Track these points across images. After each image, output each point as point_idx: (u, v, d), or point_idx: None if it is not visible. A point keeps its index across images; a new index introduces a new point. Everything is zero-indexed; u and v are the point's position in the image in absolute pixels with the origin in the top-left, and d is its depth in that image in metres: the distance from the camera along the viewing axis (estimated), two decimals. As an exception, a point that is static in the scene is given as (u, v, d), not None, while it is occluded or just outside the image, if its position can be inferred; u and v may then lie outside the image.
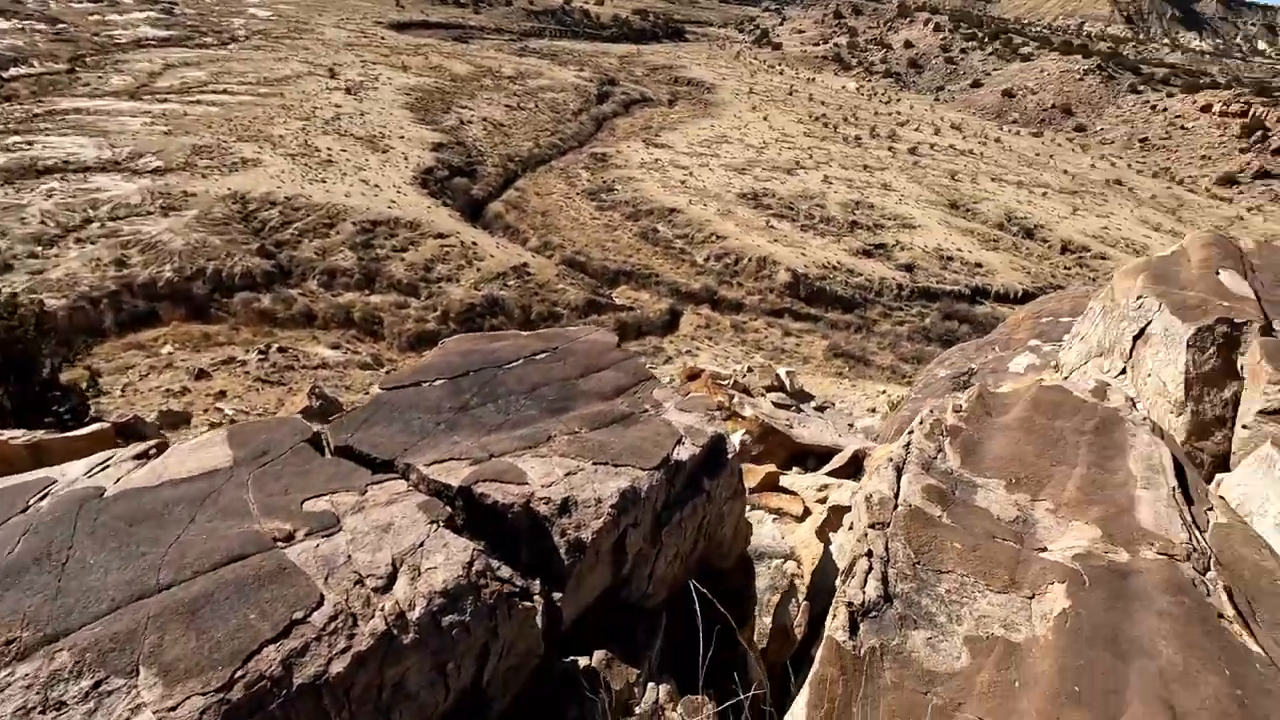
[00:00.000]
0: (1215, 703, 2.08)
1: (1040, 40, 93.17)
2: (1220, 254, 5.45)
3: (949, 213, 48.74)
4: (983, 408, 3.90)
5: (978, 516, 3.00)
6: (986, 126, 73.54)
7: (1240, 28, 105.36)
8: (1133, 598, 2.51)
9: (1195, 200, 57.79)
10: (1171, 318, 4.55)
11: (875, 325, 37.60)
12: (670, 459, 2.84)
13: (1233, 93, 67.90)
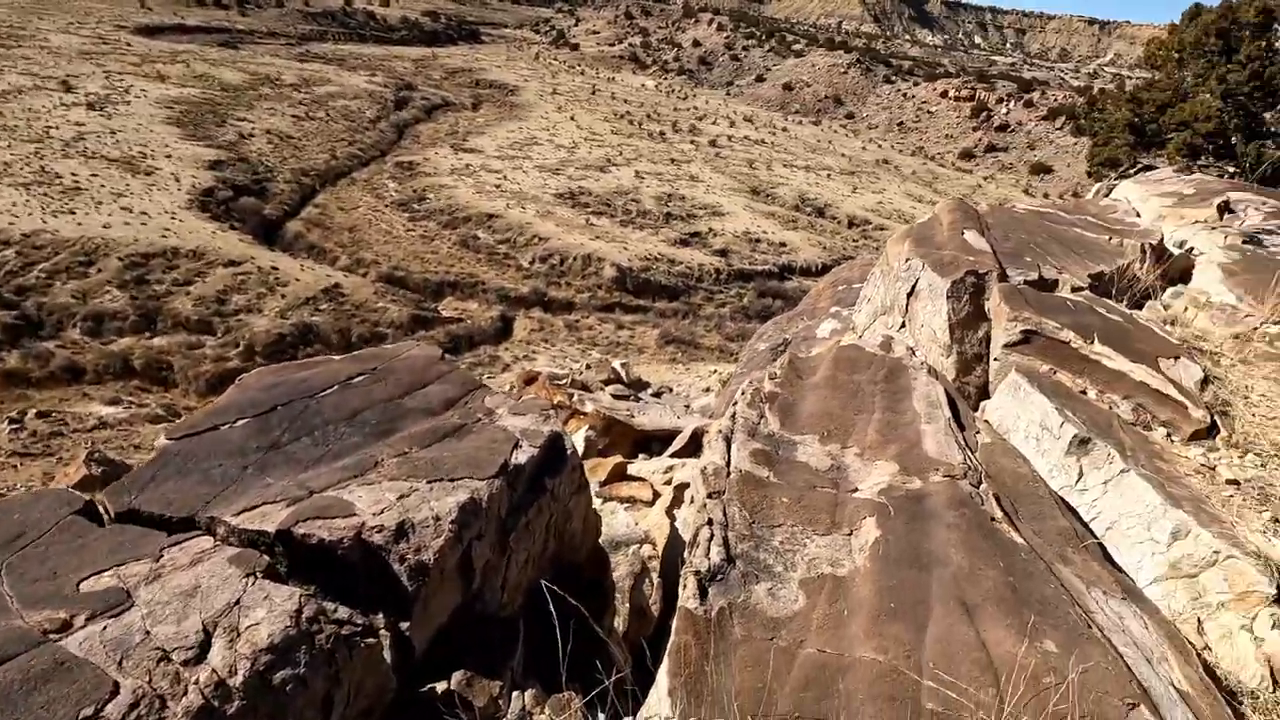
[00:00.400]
0: (994, 590, 2.48)
1: (808, 38, 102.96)
2: (963, 217, 6.42)
3: (752, 199, 52.42)
4: (794, 372, 4.27)
5: (800, 471, 3.29)
6: (774, 117, 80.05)
7: (960, 25, 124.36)
8: (927, 517, 2.90)
9: (945, 173, 67.29)
10: (933, 275, 5.28)
11: (700, 310, 39.60)
12: (509, 465, 2.80)
13: (962, 80, 79.64)
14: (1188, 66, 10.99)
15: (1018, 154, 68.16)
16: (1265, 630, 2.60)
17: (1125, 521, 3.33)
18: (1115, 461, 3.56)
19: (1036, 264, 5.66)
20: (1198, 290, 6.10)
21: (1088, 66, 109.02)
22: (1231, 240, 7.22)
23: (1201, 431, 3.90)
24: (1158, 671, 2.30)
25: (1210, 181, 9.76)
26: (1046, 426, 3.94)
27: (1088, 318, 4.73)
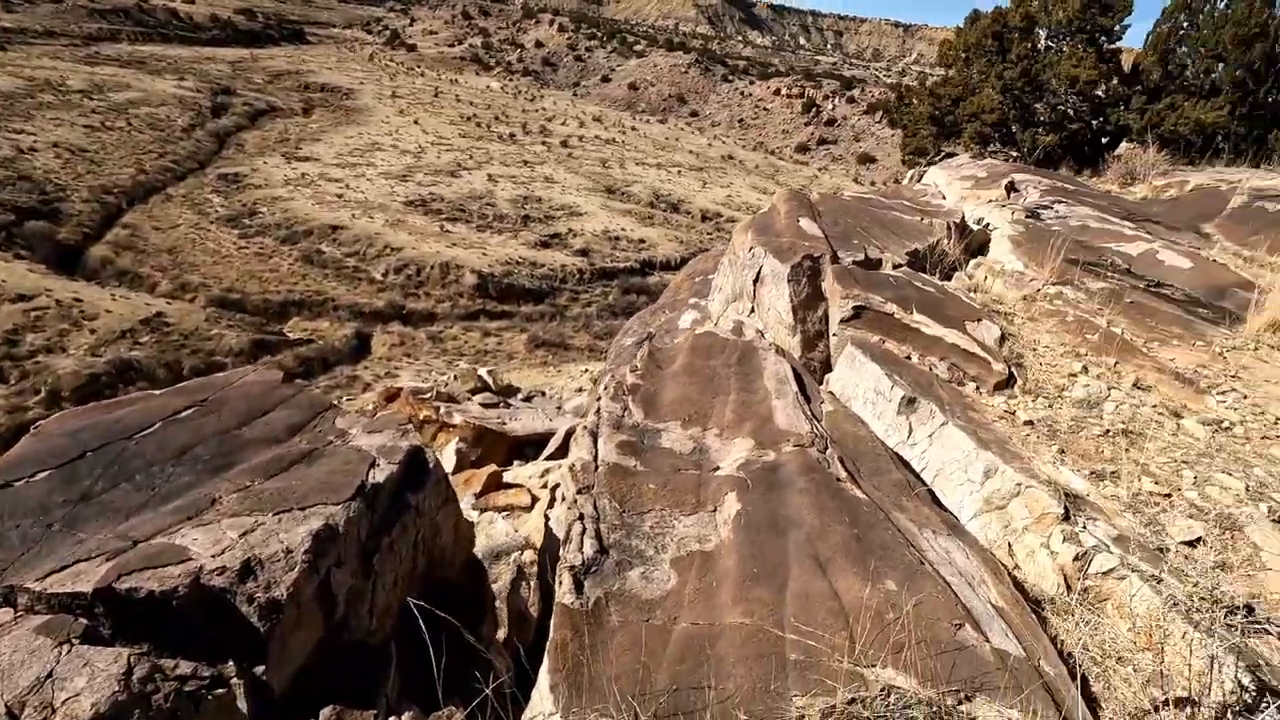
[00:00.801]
0: (842, 543, 2.72)
1: (649, 39, 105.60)
2: (797, 206, 6.91)
3: (608, 197, 53.00)
4: (654, 364, 4.41)
5: (665, 457, 3.41)
6: (622, 117, 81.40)
7: (786, 27, 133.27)
8: (782, 486, 3.12)
9: (785, 166, 71.79)
10: (774, 261, 5.65)
11: (567, 311, 39.54)
12: (366, 485, 2.67)
13: (792, 79, 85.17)
14: (973, 65, 12.52)
15: (845, 146, 74.18)
16: (1058, 545, 3.05)
17: (948, 468, 3.77)
18: (937, 416, 4.01)
19: (863, 245, 6.22)
20: (993, 260, 6.98)
21: (897, 65, 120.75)
22: (1017, 215, 8.32)
23: (1003, 382, 4.49)
24: (978, 593, 2.63)
25: (998, 165, 11.16)
26: (880, 391, 4.36)
27: (907, 291, 5.27)
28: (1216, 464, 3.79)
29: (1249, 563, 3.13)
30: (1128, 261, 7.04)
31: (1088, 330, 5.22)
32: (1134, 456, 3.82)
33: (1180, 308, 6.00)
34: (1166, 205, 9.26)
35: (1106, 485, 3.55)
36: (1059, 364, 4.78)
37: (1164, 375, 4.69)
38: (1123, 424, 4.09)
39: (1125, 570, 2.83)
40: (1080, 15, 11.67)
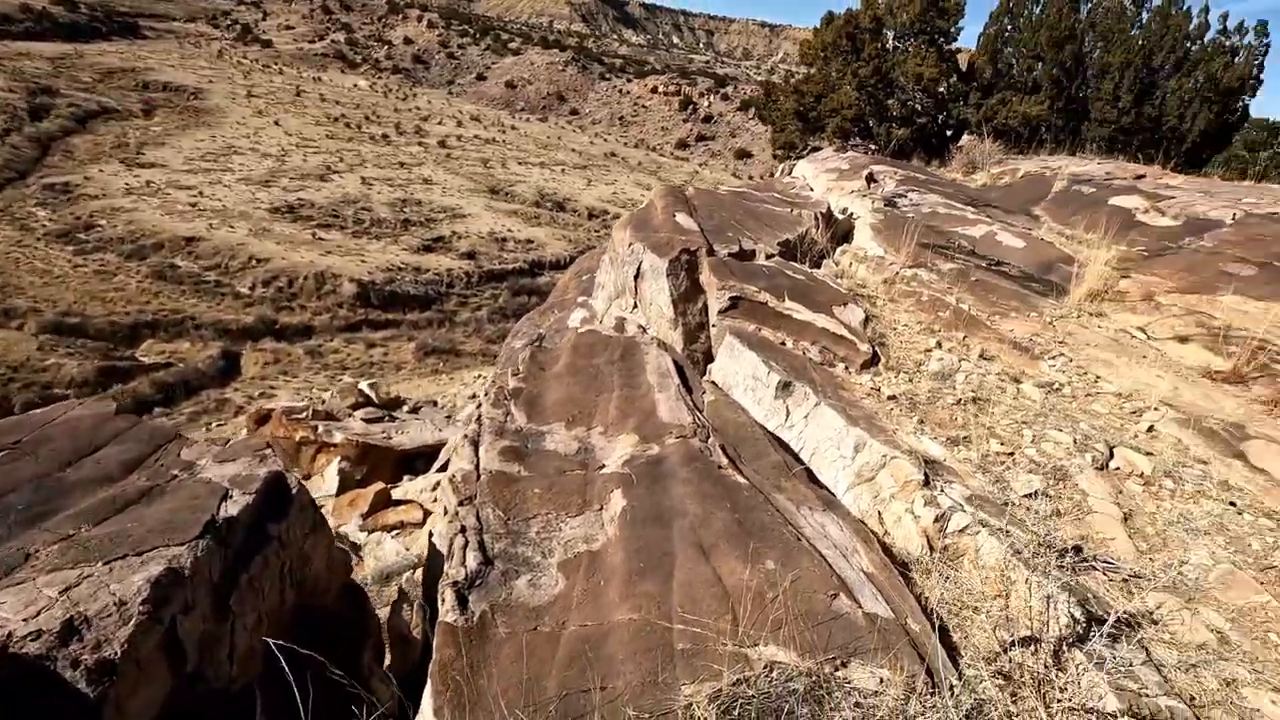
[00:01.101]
0: (724, 529, 2.79)
1: (523, 36, 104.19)
2: (673, 201, 7.04)
3: (491, 198, 51.87)
4: (536, 365, 4.35)
5: (549, 459, 3.37)
6: (501, 116, 79.87)
7: (659, 26, 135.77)
8: (666, 477, 3.16)
9: (667, 162, 73.09)
10: (653, 256, 5.73)
11: (456, 316, 38.35)
12: (217, 521, 2.45)
13: (668, 77, 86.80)
14: (831, 63, 13.27)
15: (723, 142, 76.63)
16: (920, 509, 3.28)
17: (823, 446, 3.97)
18: (811, 397, 4.21)
19: (737, 238, 6.42)
20: (857, 247, 7.43)
21: (766, 64, 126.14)
22: (876, 205, 8.91)
23: (868, 361, 4.78)
24: (851, 562, 2.78)
25: (859, 158, 11.90)
26: (757, 377, 4.52)
27: (779, 279, 5.50)
28: (1050, 422, 4.23)
29: (1078, 508, 3.51)
30: (972, 243, 7.72)
31: (940, 308, 5.67)
32: (982, 421, 4.19)
33: (1016, 283, 6.64)
34: (1002, 191, 10.23)
35: (960, 449, 3.87)
36: (916, 341, 5.16)
37: (1005, 345, 5.17)
38: (972, 392, 4.48)
39: (977, 526, 3.09)
40: (921, 18, 12.66)
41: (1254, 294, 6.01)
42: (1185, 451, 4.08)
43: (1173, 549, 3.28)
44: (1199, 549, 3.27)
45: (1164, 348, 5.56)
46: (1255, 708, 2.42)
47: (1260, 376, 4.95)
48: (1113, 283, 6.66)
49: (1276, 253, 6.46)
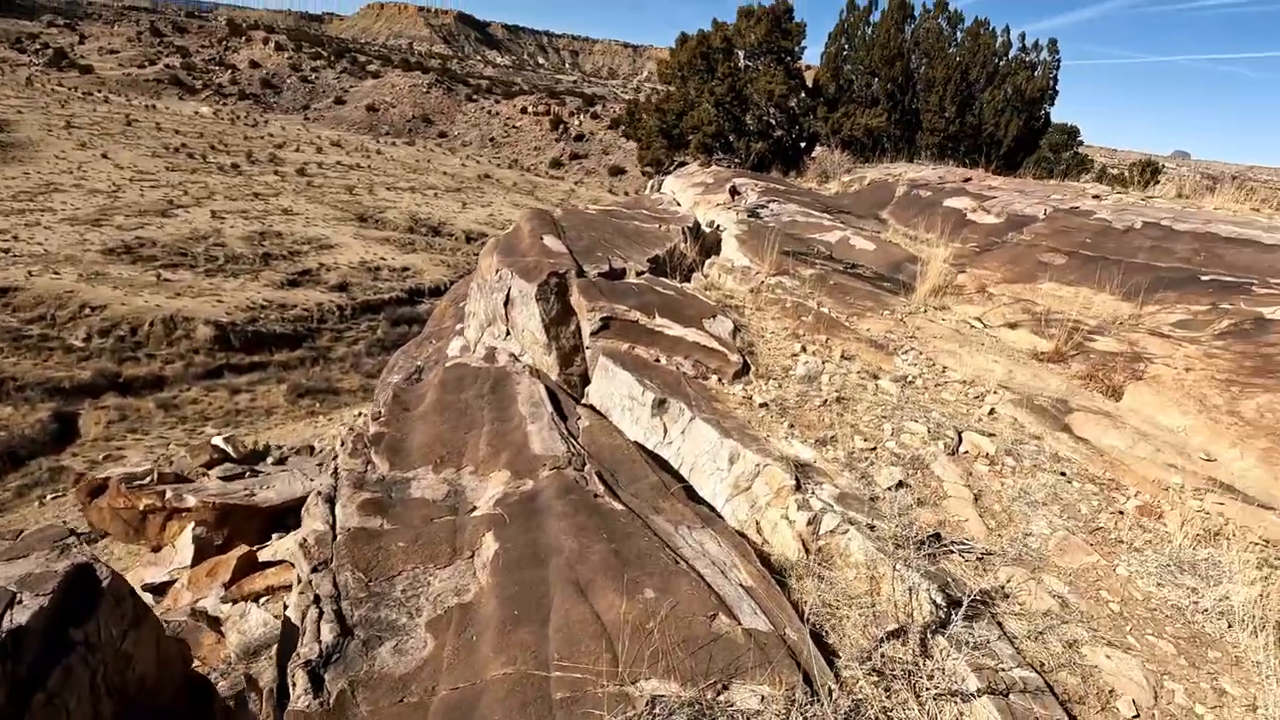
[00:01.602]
0: (602, 561, 2.72)
1: (382, 59, 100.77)
2: (540, 224, 6.95)
3: (360, 226, 49.54)
4: (400, 406, 4.10)
5: (416, 508, 3.16)
6: (364, 140, 76.67)
7: (523, 47, 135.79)
8: (540, 513, 3.05)
9: (542, 182, 72.87)
10: (521, 281, 5.61)
11: (330, 352, 36.10)
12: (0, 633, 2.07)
13: (536, 97, 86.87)
14: (689, 82, 13.74)
15: (596, 159, 77.47)
16: (794, 514, 3.37)
17: (700, 460, 4.00)
18: (686, 413, 4.24)
19: (607, 257, 6.43)
20: (724, 259, 7.67)
21: (632, 83, 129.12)
22: (740, 216, 9.26)
23: (739, 370, 4.90)
24: (730, 578, 2.79)
25: (723, 171, 12.36)
26: (633, 397, 4.51)
27: (649, 297, 5.54)
28: (907, 414, 4.50)
29: (935, 494, 3.75)
30: (829, 248, 8.19)
31: (803, 313, 5.94)
32: (847, 420, 4.39)
33: (870, 284, 7.09)
34: (853, 197, 10.96)
35: (828, 449, 4.03)
36: (783, 346, 5.36)
37: (863, 344, 5.48)
38: (836, 392, 4.69)
39: (846, 525, 3.20)
40: (767, 39, 13.39)
41: (1065, 280, 6.76)
42: (1022, 429, 4.47)
43: (1017, 523, 3.56)
44: (1039, 520, 3.57)
45: (998, 334, 6.11)
46: (1094, 664, 2.64)
47: (1077, 354, 5.54)
48: (951, 278, 7.26)
49: (1080, 242, 7.31)
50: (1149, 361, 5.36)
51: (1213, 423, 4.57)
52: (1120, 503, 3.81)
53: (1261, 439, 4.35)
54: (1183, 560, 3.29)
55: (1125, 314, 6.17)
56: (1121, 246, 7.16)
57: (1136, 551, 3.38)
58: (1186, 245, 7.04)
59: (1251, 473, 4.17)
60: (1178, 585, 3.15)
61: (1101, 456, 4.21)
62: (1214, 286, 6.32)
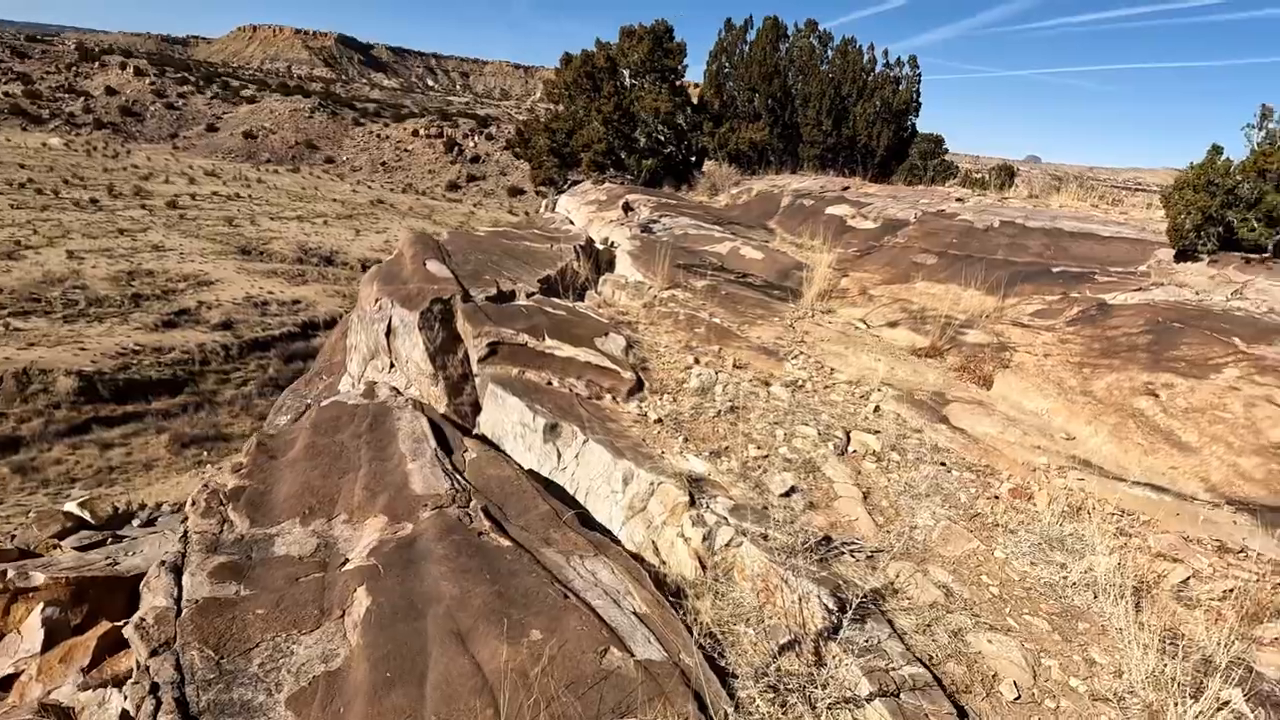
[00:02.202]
0: (484, 606, 2.55)
1: (258, 83, 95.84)
2: (423, 248, 6.68)
3: (244, 260, 46.57)
4: (265, 455, 3.77)
5: (279, 568, 2.88)
6: (243, 169, 72.42)
7: (411, 69, 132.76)
8: (419, 559, 2.84)
9: (440, 205, 71.12)
10: (402, 310, 5.34)
11: (217, 395, 33.54)
12: None
13: (428, 119, 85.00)
14: (577, 100, 13.76)
15: (495, 180, 76.49)
16: (690, 530, 3.31)
17: (595, 483, 3.89)
18: (579, 436, 4.13)
19: (495, 280, 6.24)
20: (618, 275, 7.64)
21: (525, 103, 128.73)
22: (634, 232, 9.29)
23: (634, 387, 4.84)
24: (623, 606, 2.69)
25: (615, 188, 12.42)
26: (525, 423, 4.36)
27: (538, 318, 5.41)
28: (798, 418, 4.58)
29: (827, 495, 3.81)
30: (720, 259, 8.34)
31: (695, 325, 5.98)
32: (740, 429, 4.41)
33: (760, 292, 7.26)
34: (741, 209, 11.26)
35: (723, 460, 4.02)
36: (677, 360, 5.36)
37: (755, 352, 5.57)
38: (730, 402, 4.72)
39: (740, 538, 3.18)
40: (650, 57, 13.64)
41: (937, 279, 7.16)
42: (904, 424, 4.65)
43: (903, 516, 3.67)
44: (923, 512, 3.70)
45: (880, 334, 6.38)
46: (978, 651, 2.72)
47: (951, 348, 5.85)
48: (836, 282, 7.55)
49: (948, 243, 7.80)
50: (1013, 350, 5.74)
51: (1070, 404, 4.93)
52: (995, 487, 4.00)
53: (1111, 415, 4.72)
54: (1052, 537, 3.48)
55: (990, 307, 6.61)
56: (984, 245, 7.68)
57: (1011, 533, 3.55)
58: (1038, 241, 7.64)
59: (1105, 448, 4.51)
60: (1049, 562, 3.32)
61: (977, 444, 4.43)
62: (1063, 278, 6.87)
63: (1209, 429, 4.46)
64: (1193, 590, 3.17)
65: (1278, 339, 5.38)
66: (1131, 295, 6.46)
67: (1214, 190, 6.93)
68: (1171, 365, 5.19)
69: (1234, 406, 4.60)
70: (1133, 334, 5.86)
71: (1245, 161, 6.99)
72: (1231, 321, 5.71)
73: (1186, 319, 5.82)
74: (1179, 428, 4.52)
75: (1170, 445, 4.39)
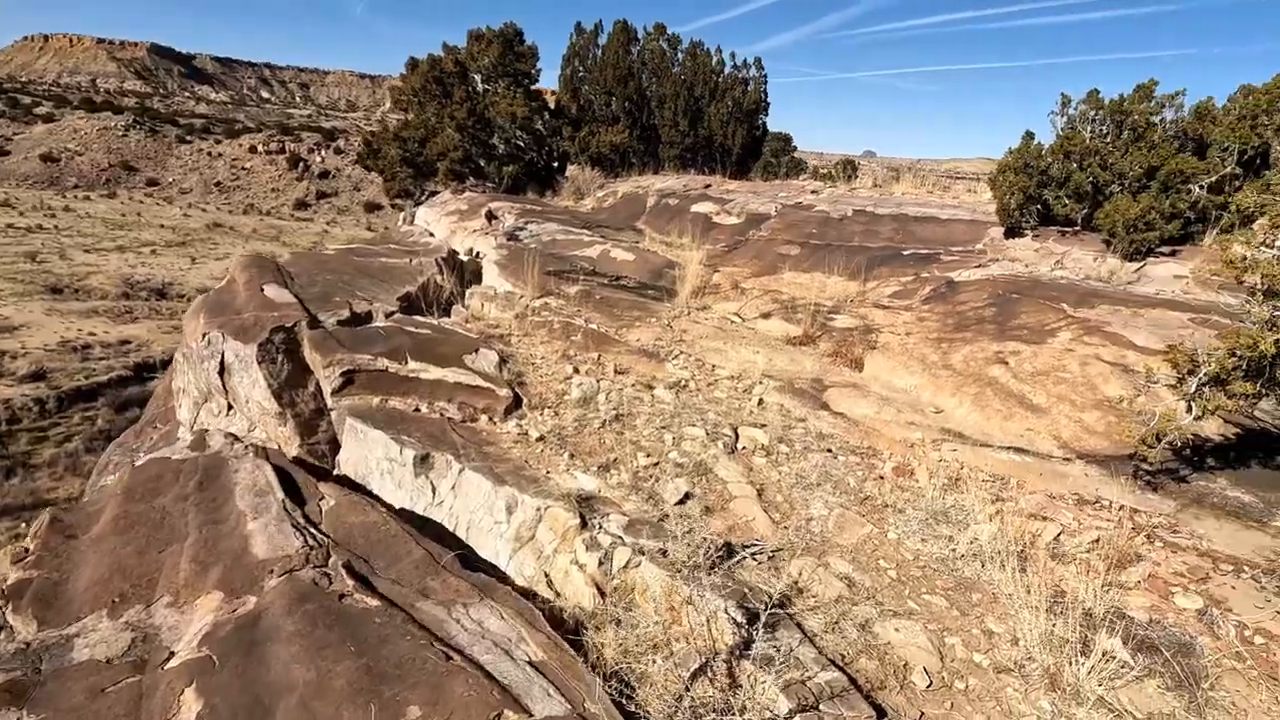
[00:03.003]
0: (348, 688, 2.16)
1: (55, 99, 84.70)
2: (259, 272, 5.95)
3: (55, 299, 40.76)
4: (61, 534, 3.09)
5: (79, 678, 2.31)
6: (44, 196, 63.63)
7: (242, 81, 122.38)
8: (265, 641, 2.39)
9: (288, 225, 66.02)
10: (236, 343, 4.67)
11: (33, 456, 28.98)
12: None
13: (266, 134, 78.79)
14: (427, 107, 13.07)
15: (348, 197, 72.07)
16: (584, 556, 3.06)
17: (477, 516, 3.54)
18: (454, 465, 3.76)
19: (347, 301, 5.66)
20: (486, 286, 7.24)
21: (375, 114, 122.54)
22: (500, 240, 8.89)
23: (511, 405, 4.51)
24: (516, 656, 2.39)
25: (477, 196, 11.90)
26: (391, 458, 3.92)
27: (399, 340, 4.93)
28: (684, 420, 4.46)
29: (722, 497, 3.69)
30: (591, 263, 8.14)
31: (572, 332, 5.72)
32: (628, 438, 4.22)
33: (635, 294, 7.14)
34: (609, 211, 11.15)
35: (613, 474, 3.80)
36: (555, 371, 5.08)
37: (635, 355, 5.40)
38: (614, 410, 4.51)
39: (639, 557, 2.97)
40: (501, 60, 13.22)
41: (802, 268, 7.37)
42: (789, 414, 4.65)
43: (798, 510, 3.62)
44: (816, 503, 3.67)
45: (755, 326, 6.45)
46: (886, 641, 2.67)
47: (822, 335, 6.00)
48: (708, 278, 7.58)
49: (808, 233, 8.08)
50: (878, 332, 5.97)
51: (934, 378, 5.16)
52: (879, 468, 4.07)
53: (971, 386, 4.99)
54: (936, 511, 3.56)
55: (854, 292, 6.87)
56: (840, 233, 8.02)
57: (900, 513, 3.59)
58: (888, 227, 8.08)
59: (970, 417, 4.74)
60: (937, 537, 3.38)
61: (857, 427, 4.51)
62: (914, 259, 7.29)
63: (1054, 389, 4.81)
64: (1064, 545, 3.34)
65: (1097, 302, 5.96)
66: (974, 272, 6.96)
67: (1031, 172, 7.63)
68: (1016, 333, 5.59)
69: (1072, 366, 5.01)
70: (979, 307, 6.29)
71: (1053, 145, 7.75)
72: (1059, 289, 6.28)
73: (1022, 290, 6.33)
74: (1029, 391, 4.85)
75: (1025, 409, 4.69)
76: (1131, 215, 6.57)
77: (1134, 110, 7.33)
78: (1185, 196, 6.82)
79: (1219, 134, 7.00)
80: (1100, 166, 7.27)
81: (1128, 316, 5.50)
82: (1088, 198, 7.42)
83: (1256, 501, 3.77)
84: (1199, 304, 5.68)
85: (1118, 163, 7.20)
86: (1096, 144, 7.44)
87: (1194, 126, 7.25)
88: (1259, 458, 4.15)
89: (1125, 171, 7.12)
